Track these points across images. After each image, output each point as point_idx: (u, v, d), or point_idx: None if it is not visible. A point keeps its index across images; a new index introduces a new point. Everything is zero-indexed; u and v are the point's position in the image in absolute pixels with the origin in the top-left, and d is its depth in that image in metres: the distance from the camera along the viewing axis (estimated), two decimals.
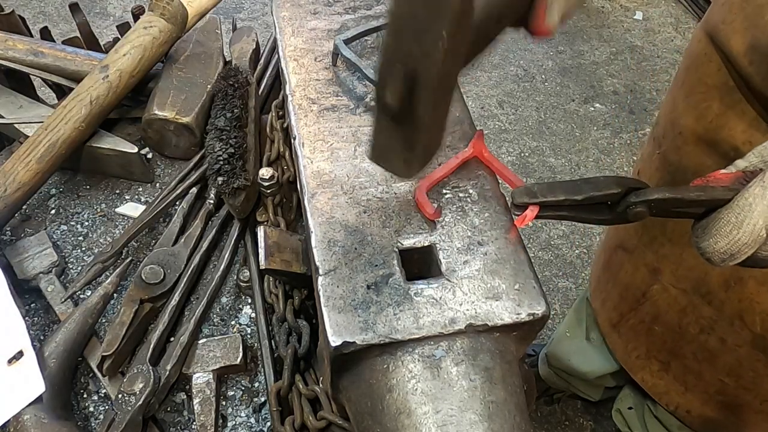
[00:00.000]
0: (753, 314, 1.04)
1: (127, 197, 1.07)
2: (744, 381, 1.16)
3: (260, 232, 0.80)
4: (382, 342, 0.60)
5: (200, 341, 0.88)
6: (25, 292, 0.94)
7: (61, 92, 1.20)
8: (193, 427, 0.83)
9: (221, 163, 0.93)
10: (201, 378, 0.84)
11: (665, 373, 1.32)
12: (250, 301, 0.95)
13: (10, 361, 0.79)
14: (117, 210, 1.05)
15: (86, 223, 1.03)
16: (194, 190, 1.04)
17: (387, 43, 0.54)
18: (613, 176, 0.61)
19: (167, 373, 0.82)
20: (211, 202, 1.02)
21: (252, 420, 0.85)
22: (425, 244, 0.68)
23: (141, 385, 0.79)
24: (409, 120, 0.57)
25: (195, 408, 0.82)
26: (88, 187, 1.08)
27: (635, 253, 1.26)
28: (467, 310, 0.63)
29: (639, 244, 1.24)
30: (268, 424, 0.84)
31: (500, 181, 0.75)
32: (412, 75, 0.53)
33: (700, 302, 1.13)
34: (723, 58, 0.94)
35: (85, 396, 0.85)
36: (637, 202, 0.59)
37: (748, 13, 0.88)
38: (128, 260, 0.94)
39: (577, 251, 2.49)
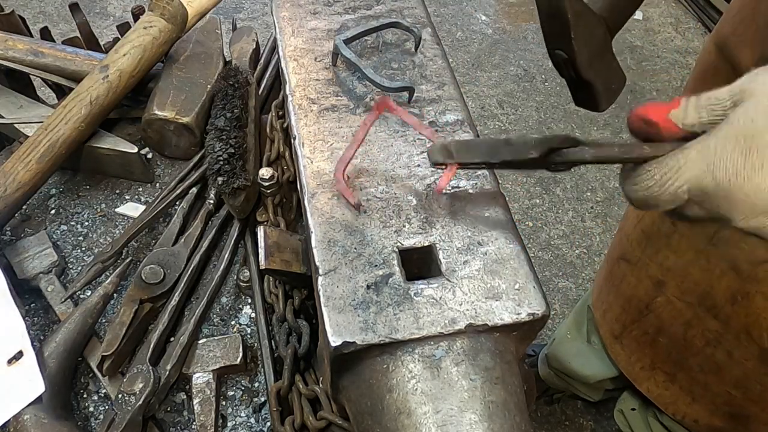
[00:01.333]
0: (760, 329, 1.03)
1: (127, 197, 1.07)
2: (752, 393, 1.15)
3: (260, 232, 0.80)
4: (382, 342, 0.60)
5: (200, 341, 0.88)
6: (25, 292, 0.94)
7: (61, 92, 1.20)
8: (193, 427, 0.83)
9: (221, 163, 0.93)
10: (201, 378, 0.84)
11: (671, 384, 1.31)
12: (250, 301, 0.95)
13: (10, 362, 0.79)
14: (117, 210, 1.05)
15: (86, 223, 1.03)
16: (194, 190, 1.04)
17: (546, 46, 0.89)
18: (534, 138, 0.59)
19: (167, 373, 0.82)
20: (211, 202, 1.02)
21: (252, 420, 0.85)
22: (425, 244, 0.68)
23: (141, 385, 0.79)
24: (580, 83, 0.90)
25: (195, 408, 0.82)
26: (88, 187, 1.08)
27: (638, 265, 1.25)
28: (467, 310, 0.63)
29: (642, 256, 1.23)
30: (268, 424, 0.84)
31: (500, 181, 0.75)
32: (567, 60, 0.87)
33: (705, 315, 1.12)
34: (732, 70, 0.93)
35: (85, 396, 0.85)
36: (559, 162, 0.58)
37: (759, 26, 0.87)
38: (128, 260, 0.94)
39: (577, 251, 2.49)
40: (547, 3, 0.84)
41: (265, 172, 0.92)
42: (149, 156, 1.11)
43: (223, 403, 0.86)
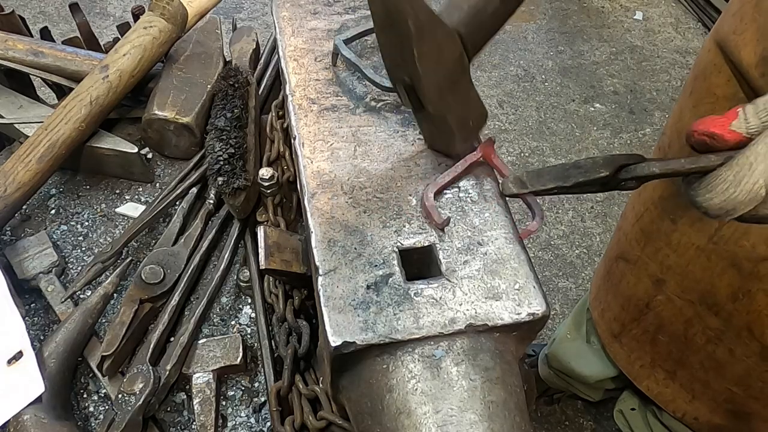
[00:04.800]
0: (762, 326, 1.03)
1: (127, 197, 1.07)
2: (753, 391, 1.15)
3: (260, 232, 0.80)
4: (382, 342, 0.60)
5: (200, 341, 0.88)
6: (25, 292, 0.94)
7: (61, 92, 1.20)
8: (193, 427, 0.83)
9: (221, 163, 0.93)
10: (201, 378, 0.84)
11: (671, 382, 1.31)
12: (250, 301, 0.95)
13: (9, 362, 0.79)
14: (117, 210, 1.05)
15: (86, 223, 1.03)
16: (194, 190, 1.04)
17: (385, 66, 0.72)
18: (601, 157, 0.60)
19: (167, 373, 0.82)
20: (211, 202, 1.02)
21: (252, 420, 0.85)
22: (425, 244, 0.68)
23: (141, 385, 0.79)
24: (427, 115, 0.72)
25: (195, 408, 0.82)
26: (88, 187, 1.08)
27: (638, 264, 1.25)
28: (467, 310, 0.63)
29: (642, 255, 1.23)
30: (268, 424, 0.84)
31: (500, 180, 0.75)
32: (410, 85, 0.69)
33: (706, 313, 1.12)
34: (733, 69, 0.92)
35: (85, 396, 0.85)
36: (628, 178, 0.59)
37: (761, 24, 0.86)
38: (128, 260, 0.94)
39: (577, 251, 2.48)
40: (383, 9, 0.62)
41: (265, 172, 0.92)
42: (149, 156, 1.11)
43: (223, 403, 0.86)
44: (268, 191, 0.93)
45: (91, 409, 0.84)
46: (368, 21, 0.92)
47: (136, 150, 1.04)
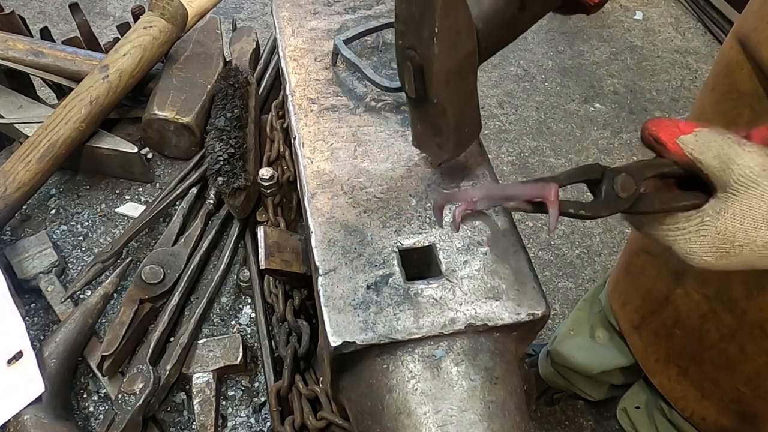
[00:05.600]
0: None
1: (127, 197, 1.07)
2: (761, 391, 1.15)
3: (260, 232, 0.80)
4: (382, 342, 0.60)
5: (200, 341, 0.88)
6: (25, 292, 0.94)
7: (61, 92, 1.20)
8: (193, 427, 0.83)
9: (221, 163, 0.93)
10: (201, 378, 0.84)
11: (683, 378, 1.32)
12: (250, 301, 0.95)
13: (9, 362, 0.79)
14: (117, 210, 1.05)
15: (86, 223, 1.03)
16: (194, 190, 1.04)
17: (396, 43, 0.66)
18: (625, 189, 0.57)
19: (167, 373, 0.82)
20: (211, 202, 1.02)
21: (252, 420, 0.85)
22: (425, 244, 0.68)
23: (141, 385, 0.79)
24: (427, 105, 0.67)
25: (195, 408, 0.82)
26: (88, 187, 1.08)
27: (659, 257, 1.25)
28: (467, 310, 0.63)
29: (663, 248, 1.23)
30: (268, 424, 0.84)
31: (500, 181, 0.75)
32: (419, 66, 0.64)
33: (721, 309, 1.12)
34: (754, 65, 0.93)
35: (85, 396, 0.85)
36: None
37: None
38: (128, 260, 0.94)
39: (577, 251, 2.48)
40: None
41: (265, 172, 0.92)
42: (149, 156, 1.11)
43: (223, 403, 0.86)
44: (268, 191, 0.93)
45: (91, 409, 0.84)
46: (368, 21, 0.93)
47: (136, 150, 1.04)
